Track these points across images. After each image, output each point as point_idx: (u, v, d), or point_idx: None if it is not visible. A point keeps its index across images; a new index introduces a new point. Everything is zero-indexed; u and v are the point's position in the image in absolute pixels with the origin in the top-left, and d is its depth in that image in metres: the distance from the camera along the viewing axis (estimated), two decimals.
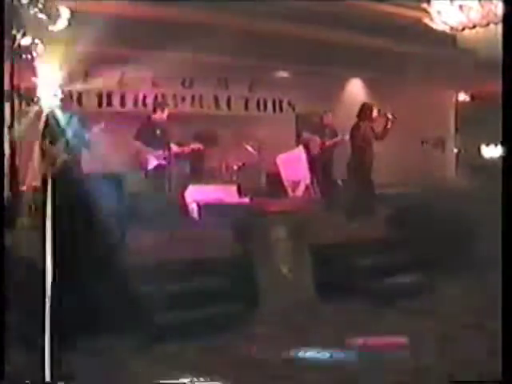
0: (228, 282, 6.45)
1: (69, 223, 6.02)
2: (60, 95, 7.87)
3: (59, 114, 7.70)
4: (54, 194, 6.03)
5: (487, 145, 12.61)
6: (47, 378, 4.33)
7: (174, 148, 9.09)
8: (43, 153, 7.44)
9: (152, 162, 8.91)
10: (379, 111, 9.28)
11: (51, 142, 7.43)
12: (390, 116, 9.21)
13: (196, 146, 9.66)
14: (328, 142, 10.21)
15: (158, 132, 9.01)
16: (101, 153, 8.04)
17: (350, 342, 5.60)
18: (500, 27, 7.73)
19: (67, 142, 7.56)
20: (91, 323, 5.57)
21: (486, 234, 8.26)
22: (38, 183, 7.09)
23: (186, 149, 9.49)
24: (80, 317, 5.49)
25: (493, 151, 12.47)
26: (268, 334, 5.98)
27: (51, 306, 4.89)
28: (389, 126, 9.26)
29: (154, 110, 9.30)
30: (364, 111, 9.33)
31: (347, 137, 9.82)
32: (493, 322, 6.08)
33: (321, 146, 10.13)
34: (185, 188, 9.52)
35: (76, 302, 5.55)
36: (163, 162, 8.93)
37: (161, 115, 9.09)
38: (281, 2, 8.89)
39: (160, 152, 8.91)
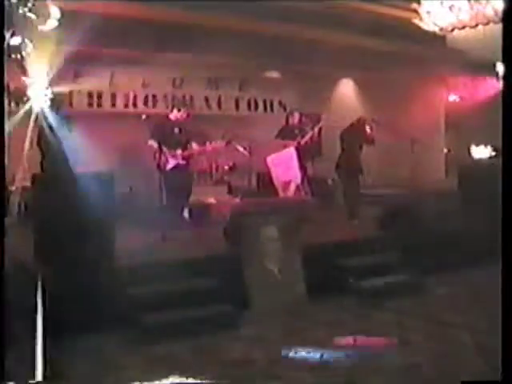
0: (218, 282, 6.45)
1: (59, 223, 6.03)
2: (50, 95, 7.83)
3: (50, 114, 7.66)
4: (44, 194, 6.07)
5: (477, 145, 12.67)
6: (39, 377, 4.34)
7: (195, 147, 9.11)
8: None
9: (171, 162, 8.89)
10: (371, 125, 9.30)
11: (42, 143, 7.38)
12: (373, 123, 9.26)
13: (218, 144, 9.53)
14: (302, 141, 10.12)
15: (175, 131, 9.02)
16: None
17: (339, 341, 5.63)
18: (488, 28, 7.82)
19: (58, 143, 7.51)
20: (80, 323, 5.56)
21: (474, 233, 8.34)
22: (28, 183, 7.08)
23: (207, 147, 9.39)
24: (69, 317, 5.49)
25: (482, 151, 12.53)
26: (257, 334, 5.98)
27: (41, 305, 4.89)
28: (373, 132, 9.28)
29: (172, 110, 9.32)
30: (358, 125, 9.37)
31: (317, 129, 9.92)
32: (481, 322, 6.16)
33: (296, 147, 10.04)
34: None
35: (65, 302, 5.55)
36: (181, 162, 8.96)
37: (178, 115, 9.11)
38: (272, 2, 8.90)
39: (179, 151, 8.93)
